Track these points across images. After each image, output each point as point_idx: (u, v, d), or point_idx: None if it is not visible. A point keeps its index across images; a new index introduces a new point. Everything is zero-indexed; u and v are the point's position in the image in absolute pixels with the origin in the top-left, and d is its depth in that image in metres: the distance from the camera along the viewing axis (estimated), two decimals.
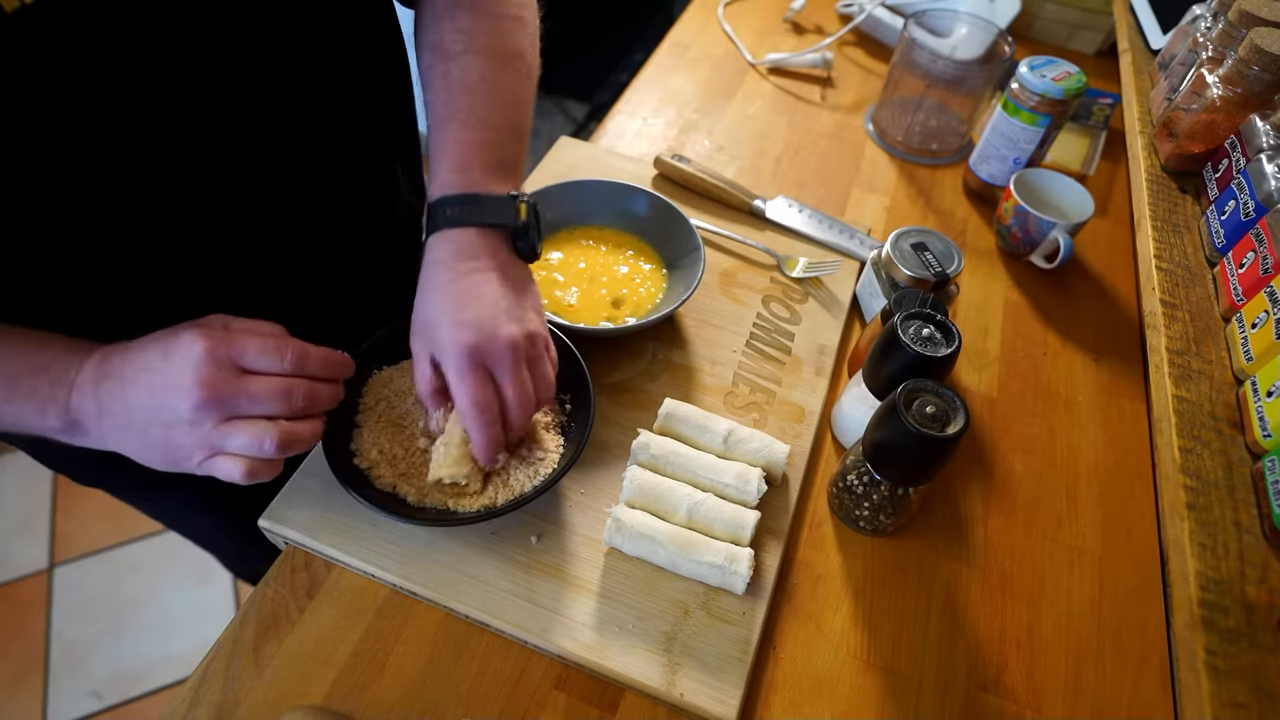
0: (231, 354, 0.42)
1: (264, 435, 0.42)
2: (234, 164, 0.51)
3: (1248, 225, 0.61)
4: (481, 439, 0.48)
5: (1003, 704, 0.51)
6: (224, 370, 0.41)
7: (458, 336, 0.47)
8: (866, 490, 0.55)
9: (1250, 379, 0.53)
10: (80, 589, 1.41)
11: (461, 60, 0.55)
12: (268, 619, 0.51)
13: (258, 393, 0.42)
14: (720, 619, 0.51)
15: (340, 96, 0.57)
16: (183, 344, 0.41)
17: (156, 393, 0.41)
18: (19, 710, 1.27)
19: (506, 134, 0.55)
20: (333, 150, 0.59)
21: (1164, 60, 0.82)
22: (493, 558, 0.53)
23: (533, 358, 0.50)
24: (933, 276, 0.64)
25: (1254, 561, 0.47)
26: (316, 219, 0.60)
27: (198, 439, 0.42)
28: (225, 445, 0.42)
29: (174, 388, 0.41)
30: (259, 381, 0.42)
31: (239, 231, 0.55)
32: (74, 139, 0.43)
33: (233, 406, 0.42)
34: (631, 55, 1.91)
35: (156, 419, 0.41)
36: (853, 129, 0.96)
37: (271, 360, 0.43)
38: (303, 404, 0.43)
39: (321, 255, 0.63)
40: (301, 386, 0.44)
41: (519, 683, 0.49)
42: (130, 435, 0.42)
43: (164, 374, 0.41)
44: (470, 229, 0.51)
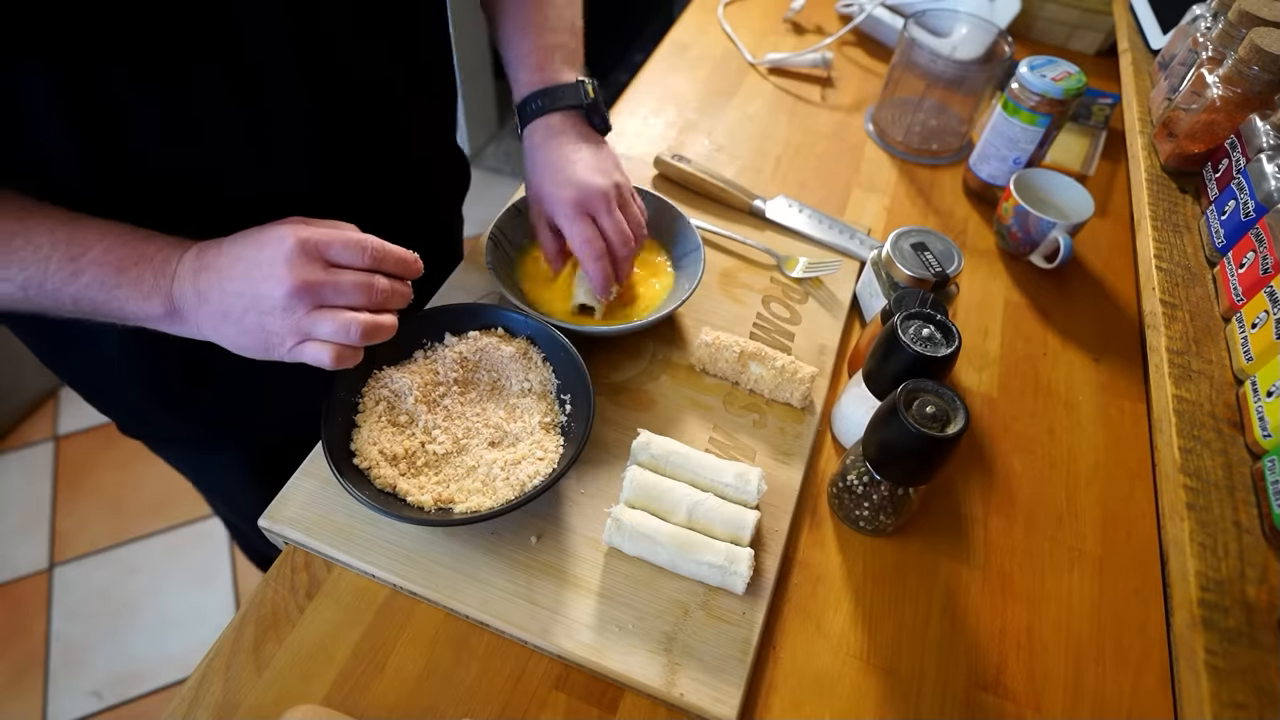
0: (320, 248, 0.46)
1: (350, 323, 0.45)
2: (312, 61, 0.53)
3: (1248, 225, 0.61)
4: (595, 270, 0.60)
5: (1003, 704, 0.51)
6: (313, 262, 0.45)
7: (561, 194, 0.60)
8: (866, 490, 0.55)
9: (1250, 379, 0.53)
10: (80, 589, 1.41)
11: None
12: (268, 619, 0.51)
13: (344, 284, 0.46)
14: (720, 619, 0.51)
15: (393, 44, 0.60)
16: (275, 237, 0.45)
17: (254, 281, 0.44)
18: (19, 710, 1.27)
19: (569, 36, 0.66)
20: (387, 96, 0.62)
21: (1164, 60, 0.82)
22: (493, 558, 0.53)
23: (622, 202, 0.61)
24: (933, 276, 0.64)
25: (1254, 561, 0.46)
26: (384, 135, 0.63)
27: (290, 325, 0.45)
28: (314, 331, 0.45)
29: (270, 277, 0.44)
30: (344, 274, 0.46)
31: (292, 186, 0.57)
32: None
33: (321, 296, 0.45)
34: (631, 55, 1.91)
35: (253, 306, 0.45)
36: (853, 129, 0.96)
37: (354, 255, 0.47)
38: (381, 298, 0.47)
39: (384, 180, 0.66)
40: (381, 282, 0.47)
41: (519, 683, 0.49)
42: (227, 323, 0.46)
43: (259, 264, 0.45)
44: (554, 114, 0.63)
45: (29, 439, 1.60)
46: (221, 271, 0.45)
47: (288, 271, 0.44)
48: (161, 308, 0.46)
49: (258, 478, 0.78)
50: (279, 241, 0.45)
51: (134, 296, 0.45)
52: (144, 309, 0.46)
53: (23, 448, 1.59)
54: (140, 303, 0.46)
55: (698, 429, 0.62)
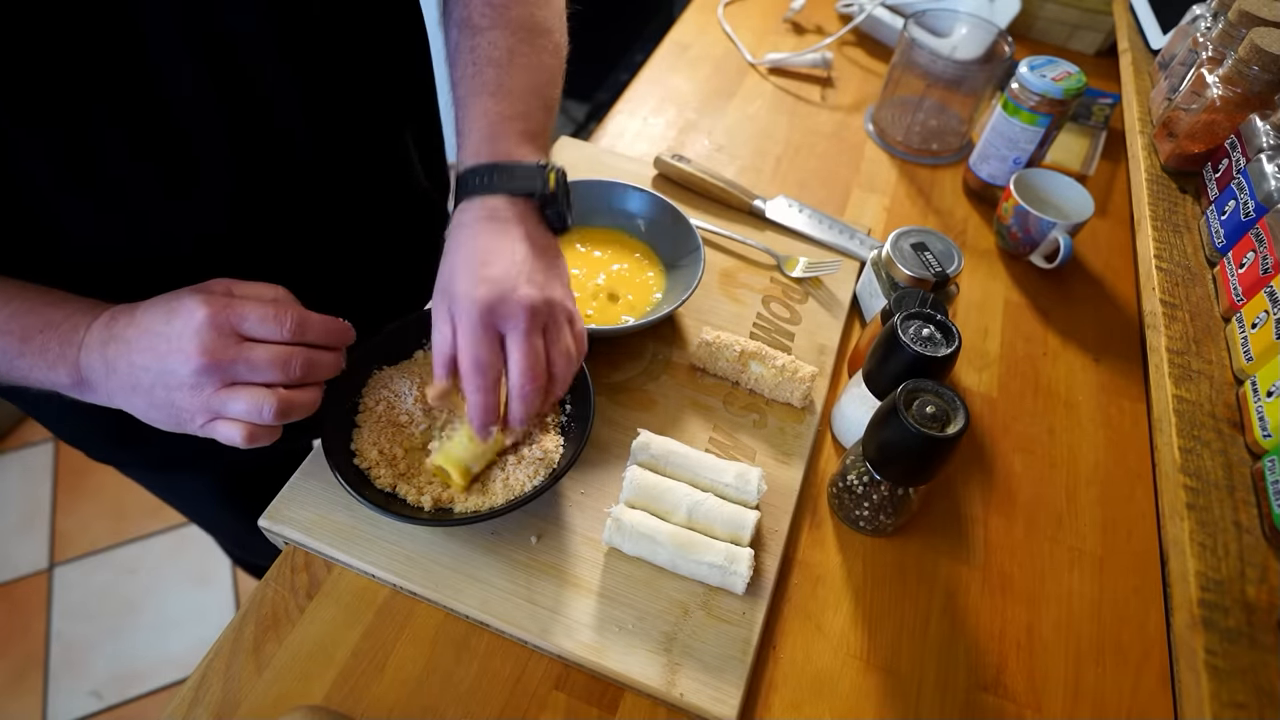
0: (232, 321, 0.43)
1: (263, 402, 0.42)
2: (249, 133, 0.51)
3: (1248, 225, 0.61)
4: (474, 402, 0.46)
5: (1003, 704, 0.51)
6: (224, 337, 0.42)
7: (472, 291, 0.45)
8: (866, 490, 0.55)
9: (1250, 379, 0.53)
10: (80, 589, 1.41)
11: (490, 35, 0.55)
12: (268, 619, 0.51)
13: (256, 360, 0.43)
14: (720, 619, 0.51)
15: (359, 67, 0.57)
16: (185, 309, 0.42)
17: (160, 356, 0.42)
18: (19, 710, 1.27)
19: (535, 106, 0.54)
20: (348, 121, 0.58)
21: (1164, 60, 0.82)
22: (493, 558, 0.53)
23: (551, 325, 0.48)
24: (933, 276, 0.64)
25: (1254, 561, 0.46)
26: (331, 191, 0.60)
27: (199, 403, 0.43)
28: (225, 410, 0.43)
29: (176, 352, 0.42)
30: (258, 349, 0.43)
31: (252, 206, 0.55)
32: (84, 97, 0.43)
33: (232, 373, 0.42)
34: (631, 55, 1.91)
35: (160, 381, 0.42)
36: (853, 129, 0.96)
37: (271, 328, 0.43)
38: (300, 373, 0.44)
39: (334, 230, 0.63)
40: (300, 355, 0.44)
41: (519, 683, 0.49)
42: (136, 395, 0.43)
43: (166, 338, 0.42)
44: (499, 195, 0.50)
45: (29, 439, 1.60)
46: (130, 343, 0.43)
47: (195, 347, 0.41)
48: (68, 377, 0.44)
49: (230, 500, 0.77)
50: (188, 314, 0.42)
51: (39, 365, 0.43)
52: (49, 377, 0.44)
53: (23, 448, 1.59)
54: (45, 372, 0.44)
55: (698, 429, 0.62)
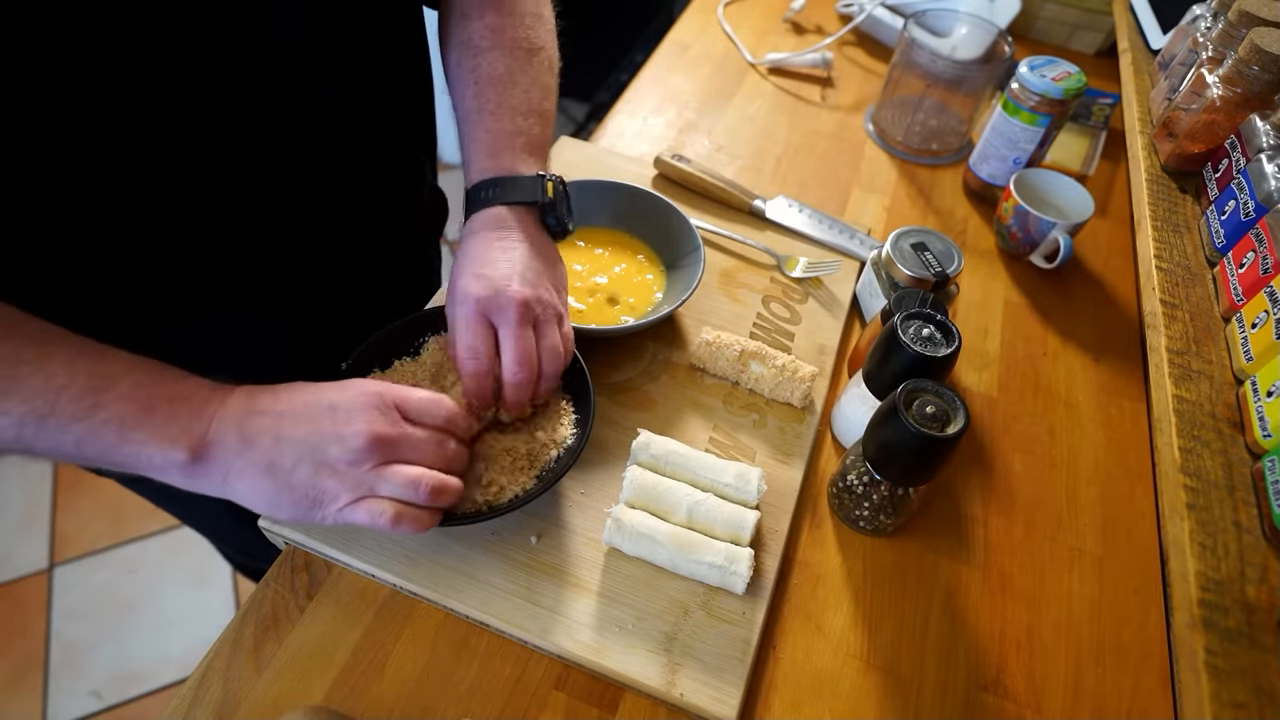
0: (400, 402, 0.44)
1: (420, 480, 0.43)
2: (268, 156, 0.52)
3: (1248, 225, 0.61)
4: (467, 386, 0.49)
5: (1003, 704, 0.51)
6: (392, 414, 0.43)
7: (469, 287, 0.49)
8: (866, 490, 0.55)
9: (1250, 379, 0.53)
10: (80, 589, 1.41)
11: (490, 55, 0.58)
12: (268, 619, 0.51)
13: (420, 440, 0.44)
14: (720, 619, 0.51)
15: (372, 93, 0.58)
16: (355, 389, 0.43)
17: (322, 429, 0.41)
18: (19, 710, 1.27)
19: (534, 121, 0.58)
20: (363, 142, 0.60)
21: (1164, 60, 0.82)
22: (493, 558, 0.53)
23: (541, 322, 0.51)
24: (933, 276, 0.64)
25: (1254, 561, 0.46)
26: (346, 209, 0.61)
27: (352, 480, 0.42)
28: (379, 488, 0.42)
29: (346, 424, 0.41)
30: (420, 430, 0.44)
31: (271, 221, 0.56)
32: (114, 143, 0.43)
33: (396, 451, 0.43)
34: (631, 55, 1.91)
35: (312, 456, 0.41)
36: (853, 129, 0.96)
37: (431, 412, 0.45)
38: (451, 457, 0.45)
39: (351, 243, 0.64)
40: (452, 441, 0.46)
41: (519, 683, 0.49)
42: (269, 476, 0.41)
43: (335, 410, 0.42)
44: (502, 206, 0.54)
45: None
46: (282, 416, 0.42)
47: (367, 420, 0.41)
48: (187, 453, 0.40)
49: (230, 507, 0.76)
50: (360, 391, 0.43)
51: (155, 439, 0.40)
52: (163, 455, 0.40)
53: None
54: (161, 446, 0.40)
55: (698, 429, 0.62)
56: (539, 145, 0.58)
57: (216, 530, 0.93)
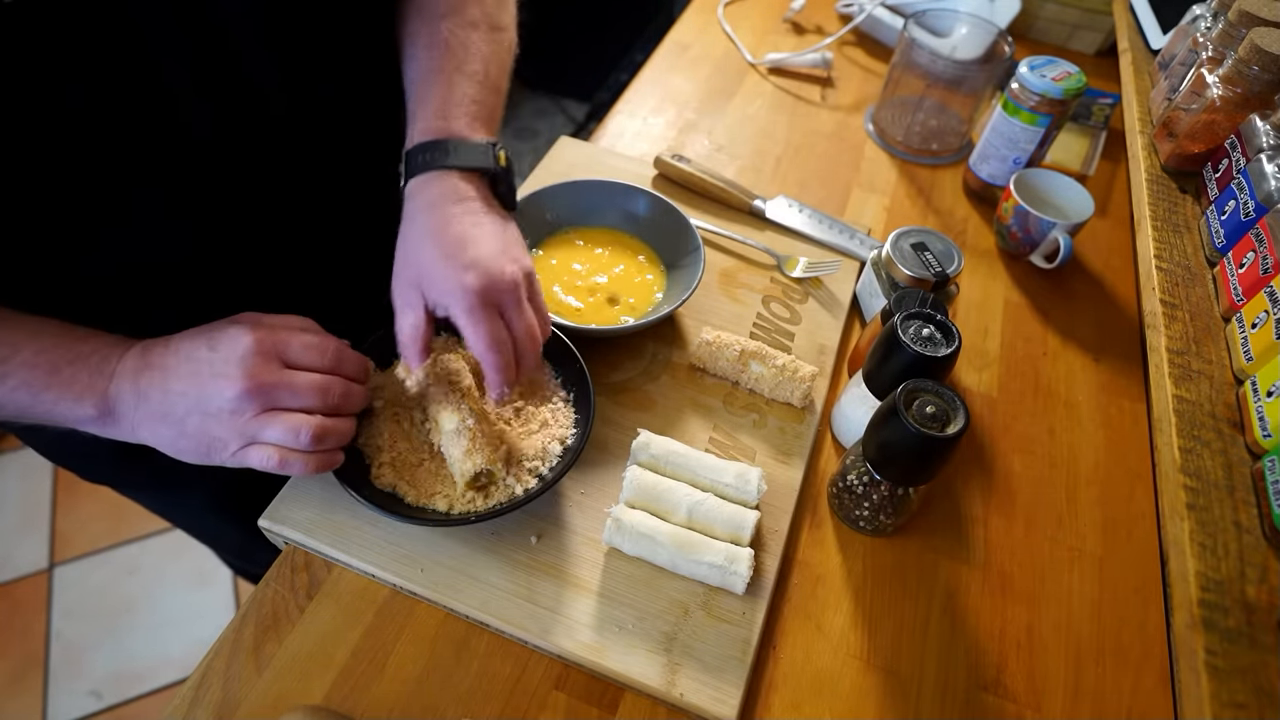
0: (277, 347, 0.44)
1: (300, 427, 0.43)
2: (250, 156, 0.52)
3: (1248, 225, 0.61)
4: (498, 377, 0.49)
5: (1003, 704, 0.51)
6: (269, 363, 0.43)
7: (465, 280, 0.47)
8: (866, 490, 0.55)
9: (1250, 379, 0.53)
10: (80, 589, 1.41)
11: (450, 22, 0.56)
12: (268, 619, 0.51)
13: (299, 386, 0.44)
14: (720, 619, 0.51)
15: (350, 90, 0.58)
16: (230, 335, 0.43)
17: (201, 382, 0.42)
18: (19, 710, 1.27)
19: (489, 91, 0.56)
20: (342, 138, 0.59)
21: (1164, 60, 0.82)
22: (493, 558, 0.53)
23: (531, 294, 0.52)
24: (933, 276, 0.64)
25: (1254, 561, 0.46)
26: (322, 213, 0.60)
27: (236, 428, 0.43)
28: (262, 435, 0.43)
29: (220, 376, 0.42)
30: (300, 376, 0.44)
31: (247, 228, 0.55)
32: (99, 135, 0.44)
33: (274, 398, 0.43)
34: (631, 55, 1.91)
35: (197, 407, 0.42)
36: (853, 129, 0.96)
37: (314, 357, 0.45)
38: (338, 401, 0.45)
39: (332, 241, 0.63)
40: (338, 385, 0.45)
41: (519, 683, 0.49)
42: (165, 425, 0.43)
43: (210, 363, 0.42)
44: (452, 172, 0.51)
45: None
46: (168, 370, 0.43)
47: (240, 371, 0.42)
48: (95, 409, 0.43)
49: (229, 511, 0.76)
50: (233, 340, 0.43)
51: (64, 398, 0.43)
52: (75, 411, 0.43)
53: (23, 448, 1.59)
54: (70, 405, 0.43)
55: (698, 429, 0.62)
56: (490, 118, 0.56)
57: (213, 534, 0.93)
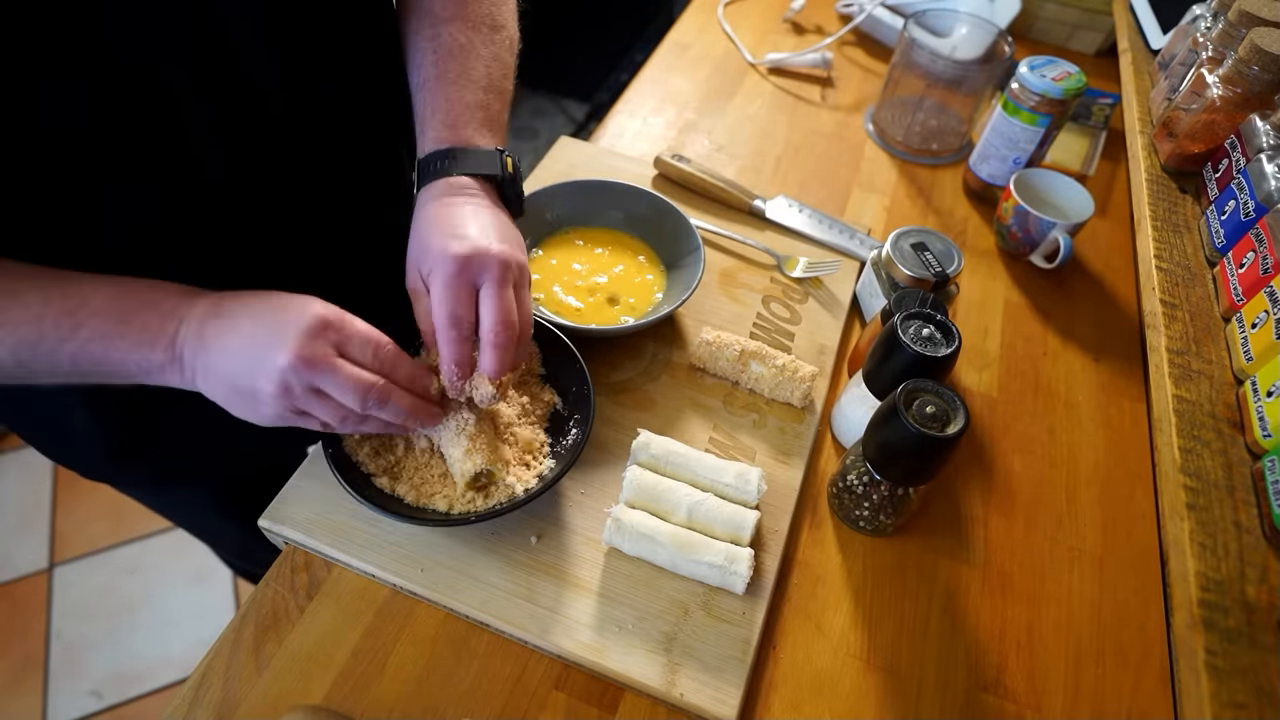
0: (338, 335, 0.44)
1: (345, 416, 0.45)
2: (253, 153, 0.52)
3: (1248, 225, 0.61)
4: (447, 352, 0.47)
5: (1003, 704, 0.51)
6: (325, 346, 0.43)
7: (450, 247, 0.47)
8: (866, 490, 0.55)
9: (1250, 379, 0.53)
10: (80, 588, 1.41)
11: (452, 26, 0.57)
12: (268, 619, 0.51)
13: (342, 376, 0.43)
14: (720, 619, 0.51)
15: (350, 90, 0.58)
16: (301, 304, 0.43)
17: (258, 342, 0.42)
18: (19, 710, 1.27)
19: (493, 96, 0.57)
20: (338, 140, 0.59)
21: (1164, 60, 0.82)
22: (493, 558, 0.53)
23: (519, 284, 0.50)
24: (933, 276, 0.64)
25: (1254, 561, 0.46)
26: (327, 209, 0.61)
27: (284, 398, 0.43)
28: (312, 409, 0.44)
29: (276, 342, 0.42)
30: (346, 367, 0.44)
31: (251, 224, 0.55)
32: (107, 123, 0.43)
33: (318, 379, 0.43)
34: (631, 55, 1.91)
35: (247, 369, 0.43)
36: (853, 129, 0.96)
37: (368, 355, 0.45)
38: (375, 406, 0.45)
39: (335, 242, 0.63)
40: (380, 389, 0.45)
41: (519, 683, 0.49)
42: (220, 378, 0.43)
43: (271, 326, 0.42)
44: (463, 176, 0.53)
45: None
46: (233, 323, 0.43)
47: (296, 345, 0.42)
48: (164, 353, 0.43)
49: (229, 509, 0.76)
50: (302, 309, 0.43)
51: (139, 344, 0.43)
52: (147, 358, 0.43)
53: (23, 448, 1.59)
54: (145, 351, 0.43)
55: (698, 429, 0.62)
56: (497, 122, 0.57)
57: (214, 533, 0.93)
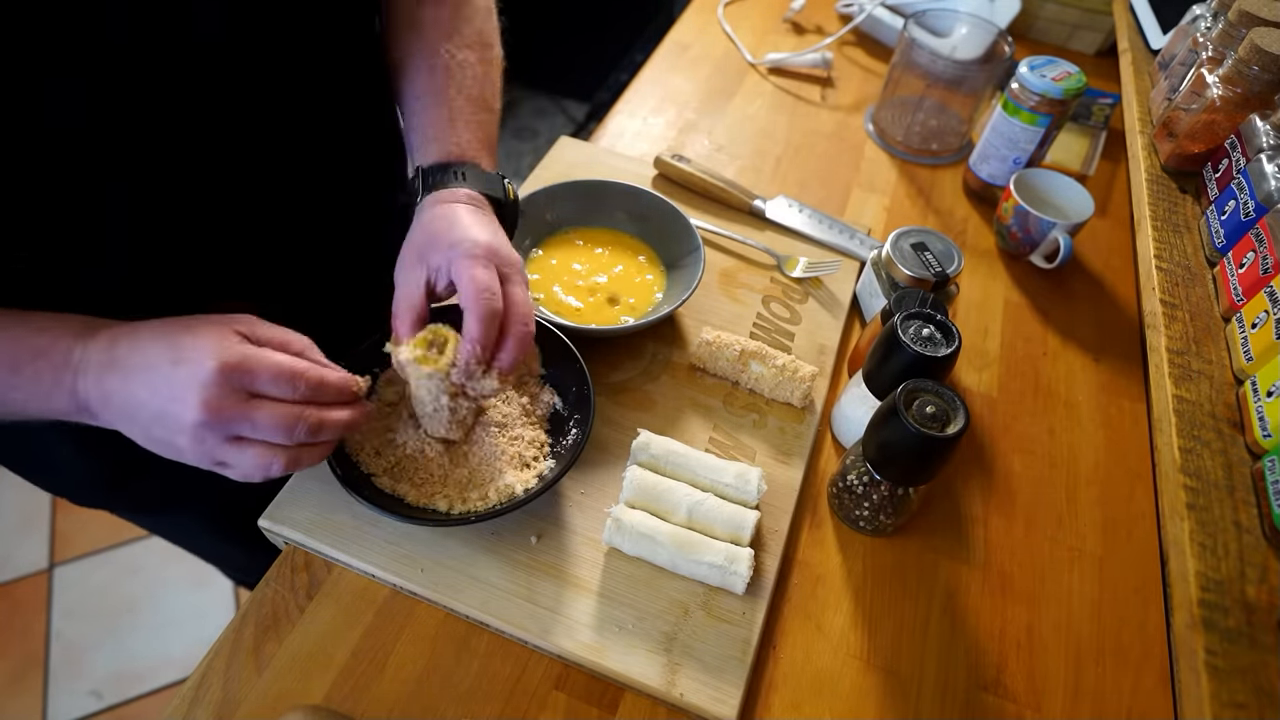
0: (243, 379, 0.40)
1: (270, 461, 0.42)
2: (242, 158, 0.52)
3: (1248, 225, 0.61)
4: (477, 328, 0.47)
5: (1003, 704, 0.51)
6: (232, 394, 0.40)
7: (477, 236, 0.49)
8: (866, 490, 0.55)
9: (1250, 379, 0.53)
10: (80, 589, 1.41)
11: (446, 45, 0.57)
12: (268, 619, 0.51)
13: (261, 422, 0.41)
14: (720, 619, 0.51)
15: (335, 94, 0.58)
16: (195, 357, 0.40)
17: (160, 399, 0.40)
18: (19, 710, 1.27)
19: (485, 112, 0.58)
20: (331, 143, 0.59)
21: (1164, 60, 0.82)
22: (493, 558, 0.53)
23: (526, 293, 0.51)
24: (933, 276, 0.64)
25: (1254, 561, 0.46)
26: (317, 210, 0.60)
27: (201, 452, 0.41)
28: (229, 462, 0.42)
29: (177, 400, 0.39)
30: (263, 410, 0.41)
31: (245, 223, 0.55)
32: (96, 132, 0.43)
33: (233, 429, 0.41)
34: (631, 55, 1.91)
35: (158, 422, 0.41)
36: (853, 129, 0.96)
37: (284, 388, 0.42)
38: (306, 437, 0.42)
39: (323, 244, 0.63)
40: (308, 419, 0.42)
41: (519, 683, 0.49)
42: (135, 427, 0.42)
43: (169, 381, 0.40)
44: (463, 189, 0.53)
45: None
46: (129, 374, 0.41)
47: (198, 400, 0.39)
48: (69, 404, 0.42)
49: (226, 532, 0.76)
50: (197, 363, 0.40)
51: (35, 396, 0.41)
52: (48, 407, 0.42)
53: None
54: (42, 402, 0.42)
55: (698, 429, 0.62)
56: (491, 143, 0.58)
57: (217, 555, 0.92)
